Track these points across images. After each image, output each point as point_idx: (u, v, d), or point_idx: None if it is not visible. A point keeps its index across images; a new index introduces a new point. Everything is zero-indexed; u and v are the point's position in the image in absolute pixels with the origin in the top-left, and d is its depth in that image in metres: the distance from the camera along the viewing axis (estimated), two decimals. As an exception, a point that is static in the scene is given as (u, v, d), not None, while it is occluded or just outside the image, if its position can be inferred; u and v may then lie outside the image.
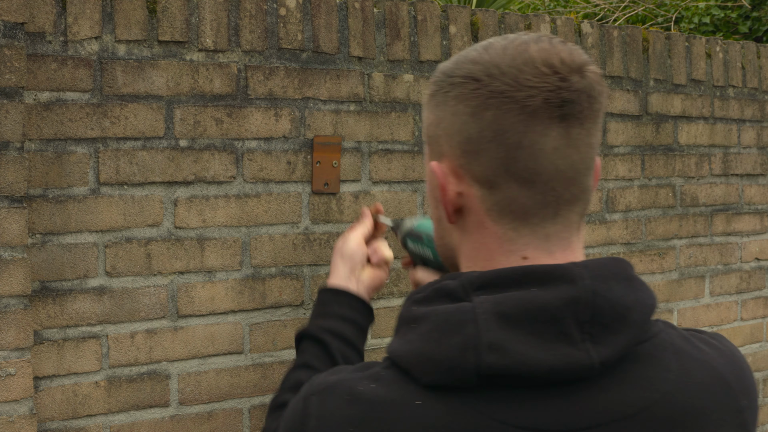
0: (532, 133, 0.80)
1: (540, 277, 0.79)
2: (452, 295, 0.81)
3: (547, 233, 0.83)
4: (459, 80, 0.83)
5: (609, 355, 0.78)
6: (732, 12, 6.47)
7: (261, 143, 1.87)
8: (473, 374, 0.76)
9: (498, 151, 0.81)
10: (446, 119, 0.85)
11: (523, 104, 0.79)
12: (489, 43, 0.85)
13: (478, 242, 0.86)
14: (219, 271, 1.83)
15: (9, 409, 1.55)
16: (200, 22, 1.79)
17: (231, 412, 1.84)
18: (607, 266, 0.82)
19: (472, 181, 0.84)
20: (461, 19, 2.14)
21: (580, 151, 0.83)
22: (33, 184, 1.64)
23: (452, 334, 0.78)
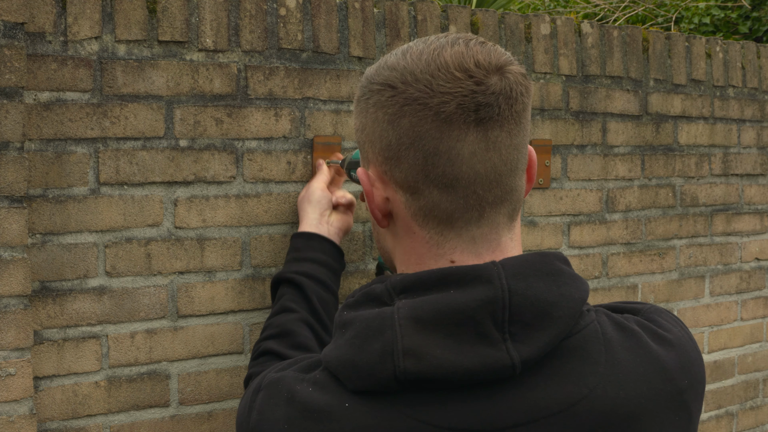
0: (448, 138, 0.80)
1: (458, 279, 0.79)
2: (378, 299, 0.82)
3: (473, 236, 0.83)
4: (377, 87, 0.84)
5: (531, 353, 0.78)
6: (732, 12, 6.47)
7: (261, 143, 1.87)
8: (392, 380, 0.77)
9: (416, 157, 0.81)
10: (368, 126, 0.85)
11: (437, 110, 0.79)
12: (408, 47, 0.84)
13: (409, 246, 0.86)
14: (219, 271, 1.83)
15: (9, 409, 1.55)
16: (200, 22, 1.79)
17: (231, 412, 1.84)
18: (528, 263, 0.81)
19: (396, 186, 0.85)
20: (461, 19, 2.14)
21: (501, 153, 0.82)
22: (33, 184, 1.64)
23: (373, 339, 0.79)
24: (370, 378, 0.78)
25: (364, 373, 0.78)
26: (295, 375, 0.86)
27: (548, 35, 2.29)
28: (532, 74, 2.27)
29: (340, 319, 0.85)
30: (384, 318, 0.79)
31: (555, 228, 2.31)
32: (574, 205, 2.34)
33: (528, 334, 0.78)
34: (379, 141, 0.84)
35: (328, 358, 0.83)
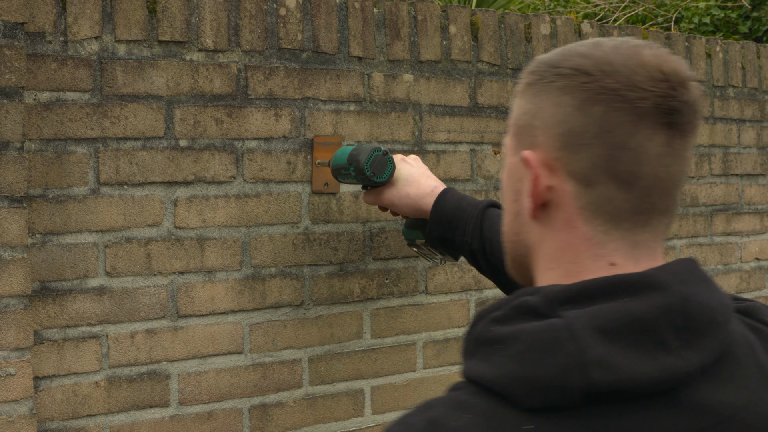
0: (640, 135, 0.79)
1: (628, 287, 0.77)
2: (536, 312, 0.78)
3: (636, 240, 0.82)
4: (567, 71, 0.81)
5: (704, 360, 0.77)
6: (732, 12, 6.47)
7: (261, 143, 1.87)
8: (580, 393, 0.74)
9: (602, 148, 0.79)
10: (546, 109, 0.82)
11: (634, 105, 0.78)
12: (598, 41, 0.83)
13: (564, 242, 0.83)
14: (219, 271, 1.83)
15: (9, 409, 1.55)
16: (200, 22, 1.79)
17: (231, 412, 1.84)
18: (688, 269, 0.81)
19: (567, 176, 0.81)
20: (461, 19, 2.14)
21: (678, 162, 0.81)
22: (33, 184, 1.64)
23: (551, 353, 0.75)
24: (553, 393, 0.74)
25: (546, 388, 0.74)
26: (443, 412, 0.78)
27: (548, 35, 2.29)
28: (532, 74, 2.27)
29: (487, 335, 0.80)
30: (557, 330, 0.75)
31: (555, 228, 2.31)
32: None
33: (699, 341, 0.77)
34: (558, 126, 0.81)
35: (490, 377, 0.77)
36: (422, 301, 2.09)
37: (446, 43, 2.12)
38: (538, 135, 0.83)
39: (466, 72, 2.15)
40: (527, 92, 0.86)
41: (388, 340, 2.05)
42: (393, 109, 2.04)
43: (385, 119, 2.03)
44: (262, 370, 1.87)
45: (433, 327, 2.11)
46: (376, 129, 2.01)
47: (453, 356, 2.14)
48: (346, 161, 1.73)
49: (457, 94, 2.13)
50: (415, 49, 2.07)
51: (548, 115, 0.82)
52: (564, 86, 0.81)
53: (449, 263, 2.12)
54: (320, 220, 1.94)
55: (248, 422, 1.86)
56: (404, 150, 2.05)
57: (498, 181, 2.21)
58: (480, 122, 2.17)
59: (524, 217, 0.86)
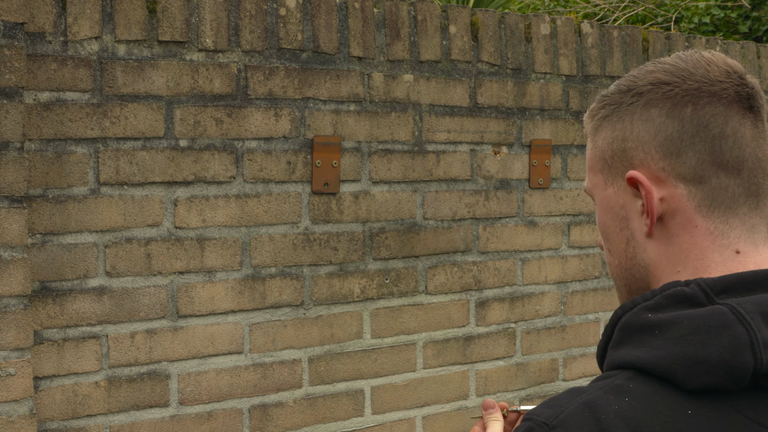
0: (733, 121, 0.83)
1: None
2: (693, 300, 0.80)
3: (753, 224, 0.85)
4: (647, 87, 0.85)
5: None
6: (732, 12, 6.47)
7: (261, 143, 1.87)
8: (749, 374, 0.76)
9: (704, 143, 0.83)
10: (636, 128, 0.86)
11: (719, 96, 0.83)
12: (657, 60, 0.88)
13: (688, 243, 0.85)
14: (219, 271, 1.83)
15: (9, 409, 1.55)
16: (200, 22, 1.79)
17: (231, 412, 1.84)
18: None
19: (676, 180, 0.84)
20: (461, 19, 2.14)
21: (767, 143, 0.86)
22: (33, 184, 1.64)
23: (717, 335, 0.76)
24: (721, 373, 0.75)
25: (716, 368, 0.75)
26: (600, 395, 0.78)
27: (548, 35, 2.29)
28: (531, 74, 2.27)
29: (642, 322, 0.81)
30: (723, 314, 0.77)
31: (555, 228, 2.31)
32: (574, 205, 2.34)
33: None
34: (654, 138, 0.85)
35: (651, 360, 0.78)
36: (422, 301, 2.09)
37: (446, 43, 2.12)
38: (635, 155, 0.86)
39: (466, 72, 2.15)
40: (606, 124, 0.89)
41: (388, 340, 2.05)
42: (393, 109, 2.04)
43: (385, 119, 2.03)
44: (262, 370, 1.87)
45: (433, 327, 2.11)
46: (376, 129, 2.01)
47: (453, 356, 2.14)
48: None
49: (457, 94, 2.13)
50: (415, 49, 2.07)
51: (640, 132, 0.86)
52: (648, 101, 0.85)
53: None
54: (320, 220, 1.94)
55: (248, 422, 1.86)
56: (404, 150, 2.05)
57: (497, 181, 2.21)
58: (480, 122, 2.17)
59: (638, 239, 0.88)
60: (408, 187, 2.06)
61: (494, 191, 2.20)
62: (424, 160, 2.08)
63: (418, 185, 2.08)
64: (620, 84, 0.89)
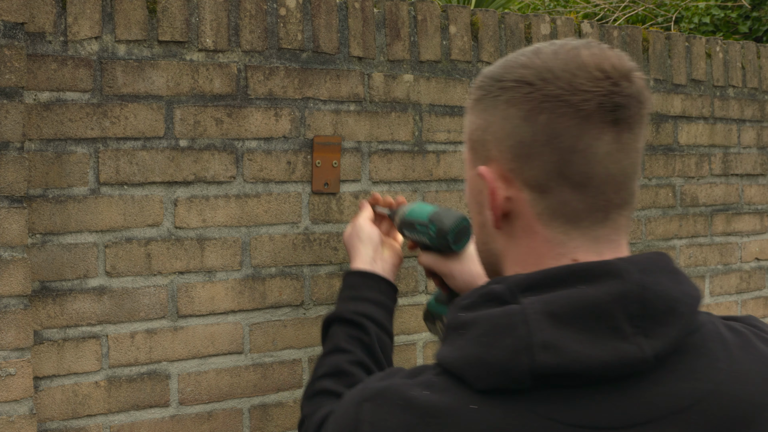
0: (587, 136, 0.80)
1: (587, 275, 0.79)
2: (499, 299, 0.81)
3: (596, 236, 0.84)
4: (510, 84, 0.83)
5: (662, 348, 0.78)
6: (732, 12, 6.47)
7: (261, 143, 1.87)
8: (527, 375, 0.76)
9: (552, 154, 0.81)
10: (496, 123, 0.84)
11: (578, 108, 0.80)
12: (537, 48, 0.85)
13: (527, 247, 0.85)
14: (219, 271, 1.83)
15: (9, 409, 1.55)
16: (200, 22, 1.79)
17: (231, 412, 1.84)
18: (652, 260, 0.82)
19: (522, 185, 0.84)
20: (461, 19, 2.14)
21: (629, 155, 0.83)
22: (33, 184, 1.64)
23: (503, 336, 0.77)
24: (502, 375, 0.77)
25: (496, 369, 0.77)
26: (403, 382, 0.83)
27: (548, 35, 2.29)
28: (532, 74, 2.27)
29: (455, 321, 0.83)
30: (512, 315, 0.78)
31: (555, 228, 2.31)
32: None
33: (657, 329, 0.78)
34: (508, 138, 0.83)
35: (449, 359, 0.81)
36: (422, 301, 2.09)
37: (446, 43, 2.12)
38: (491, 149, 0.86)
39: (466, 72, 2.15)
40: (476, 108, 0.88)
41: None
42: (393, 109, 2.04)
43: (385, 119, 2.03)
44: (262, 370, 1.87)
45: (433, 327, 2.11)
46: (376, 129, 2.01)
47: (453, 356, 2.14)
48: (427, 219, 1.57)
49: (457, 94, 2.13)
50: (415, 49, 2.07)
51: (498, 129, 0.84)
52: (509, 99, 0.83)
53: None
54: (320, 220, 1.94)
55: (248, 422, 1.86)
56: (404, 150, 2.05)
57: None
58: (480, 122, 2.17)
59: (489, 228, 0.89)
60: (408, 187, 2.06)
61: (494, 191, 2.20)
62: (424, 160, 2.08)
63: (418, 185, 2.08)
64: (495, 69, 0.86)
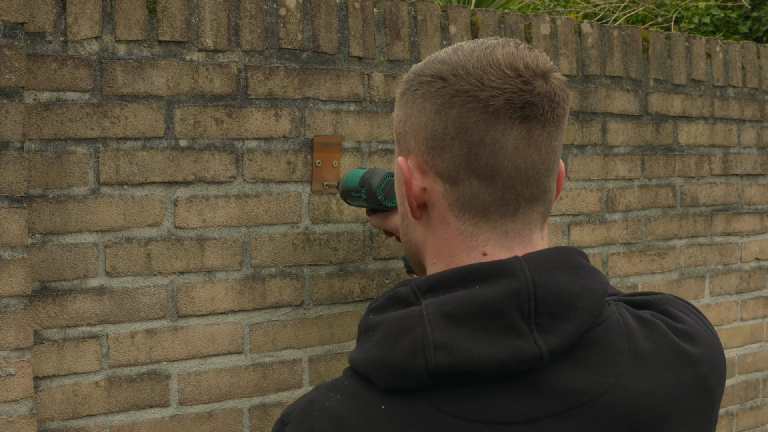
0: (494, 131, 0.83)
1: (483, 275, 0.81)
2: (404, 301, 0.84)
3: (506, 229, 0.86)
4: (427, 79, 0.86)
5: (557, 343, 0.79)
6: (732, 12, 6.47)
7: (261, 143, 1.87)
8: (425, 374, 0.78)
9: (461, 147, 0.84)
10: (414, 116, 0.88)
11: (486, 103, 0.82)
12: (459, 46, 0.87)
13: (441, 238, 0.88)
14: (219, 271, 1.83)
15: (9, 409, 1.55)
16: (200, 22, 1.79)
17: (231, 412, 1.84)
18: (550, 256, 0.84)
19: (435, 176, 0.87)
20: (461, 19, 2.14)
21: (540, 152, 0.85)
22: (33, 184, 1.64)
23: (403, 337, 0.80)
24: (402, 374, 0.79)
25: (396, 369, 0.79)
26: (321, 393, 0.86)
27: (548, 35, 2.29)
28: (532, 74, 2.27)
29: (365, 323, 0.86)
30: (412, 316, 0.81)
31: (555, 228, 2.31)
32: (574, 205, 2.34)
33: (553, 325, 0.80)
34: (423, 130, 0.86)
35: (357, 361, 0.84)
36: (422, 301, 2.09)
37: (446, 43, 2.12)
38: (410, 140, 0.89)
39: (466, 72, 2.15)
40: (401, 100, 0.91)
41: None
42: (393, 109, 2.04)
43: (385, 119, 2.03)
44: (262, 370, 1.87)
45: (433, 327, 2.11)
46: (376, 129, 2.01)
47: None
48: (358, 184, 1.74)
49: (457, 94, 2.13)
50: (415, 49, 2.07)
51: (415, 121, 0.88)
52: (425, 93, 0.86)
53: None
54: (320, 220, 1.94)
55: (248, 422, 1.86)
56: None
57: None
58: (480, 122, 2.17)
59: (410, 218, 0.92)
60: (408, 187, 2.06)
61: (494, 191, 2.20)
62: None
63: (418, 185, 2.08)
64: (419, 65, 0.89)
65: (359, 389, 0.82)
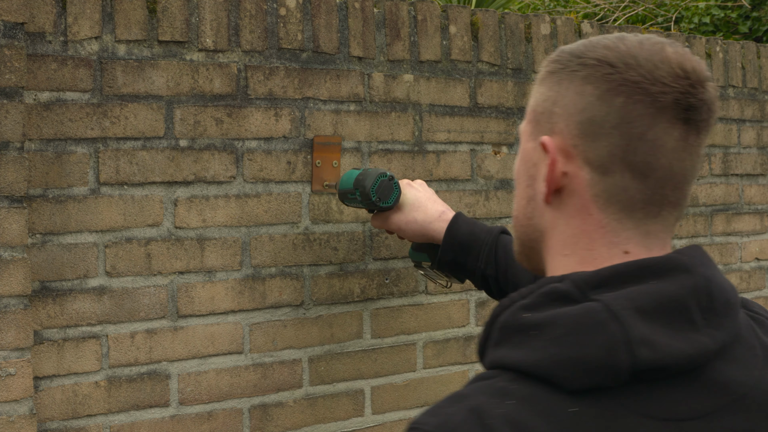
0: (657, 128, 0.81)
1: (657, 270, 0.80)
2: (567, 297, 0.80)
3: (647, 230, 0.85)
4: (592, 62, 0.83)
5: (724, 339, 0.81)
6: (732, 12, 6.47)
7: (261, 143, 1.87)
8: (626, 371, 0.76)
9: (620, 138, 0.81)
10: (568, 97, 0.84)
11: (655, 98, 0.81)
12: (622, 35, 0.85)
13: (578, 228, 0.85)
14: (219, 271, 1.83)
15: (9, 409, 1.55)
16: (200, 22, 1.79)
17: (231, 412, 1.84)
18: (701, 254, 0.85)
19: (583, 163, 0.84)
20: (461, 19, 2.14)
21: (692, 157, 0.84)
22: (33, 184, 1.64)
23: (592, 334, 0.76)
24: (600, 372, 0.76)
25: (591, 367, 0.76)
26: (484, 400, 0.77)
27: (548, 35, 2.29)
28: (532, 74, 2.27)
29: (521, 322, 0.81)
30: (596, 312, 0.77)
31: (555, 228, 2.31)
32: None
33: (718, 321, 0.81)
34: (579, 114, 0.83)
35: (529, 362, 0.78)
36: (422, 301, 2.09)
37: (446, 43, 2.12)
38: (558, 121, 0.85)
39: (466, 72, 2.15)
40: (548, 80, 0.88)
41: (388, 340, 2.05)
42: (393, 109, 2.04)
43: (385, 119, 2.03)
44: (262, 370, 1.87)
45: (433, 327, 2.11)
46: (376, 129, 2.01)
47: (453, 356, 2.14)
48: (352, 186, 1.76)
49: (457, 94, 2.14)
50: (415, 49, 2.07)
51: (569, 103, 0.84)
52: (587, 75, 0.83)
53: (454, 285, 2.13)
54: (320, 220, 1.94)
55: (248, 422, 1.86)
56: (404, 150, 2.05)
57: (497, 181, 2.21)
58: (480, 122, 2.17)
59: (538, 201, 0.88)
60: (408, 187, 2.06)
61: (494, 191, 2.20)
62: (424, 160, 2.08)
63: (418, 185, 2.08)
64: (576, 46, 0.87)
65: (536, 392, 0.76)
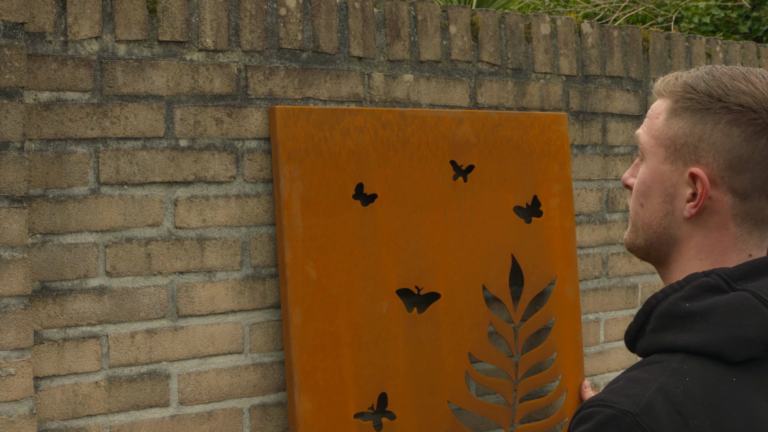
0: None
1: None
2: (717, 289, 1.01)
3: (763, 236, 1.07)
4: (736, 108, 1.02)
5: None
6: (732, 12, 6.47)
7: (261, 143, 1.87)
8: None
9: (762, 172, 1.03)
10: (714, 136, 1.03)
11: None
12: (747, 72, 1.04)
13: (716, 240, 1.06)
14: (219, 271, 1.83)
15: (9, 409, 1.55)
16: (200, 22, 1.79)
17: (231, 412, 1.84)
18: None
19: (727, 190, 1.04)
20: (461, 19, 2.14)
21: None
22: (33, 184, 1.64)
23: (749, 317, 0.98)
24: (757, 345, 0.97)
25: (755, 342, 0.97)
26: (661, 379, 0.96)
27: (548, 35, 2.29)
28: (531, 74, 2.27)
29: (683, 310, 1.00)
30: (748, 299, 0.99)
31: (555, 228, 2.31)
32: (575, 206, 2.34)
33: None
34: (726, 152, 1.03)
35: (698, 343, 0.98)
36: (422, 301, 2.09)
37: (446, 43, 2.12)
38: (704, 155, 1.05)
39: (466, 72, 2.15)
40: (688, 116, 1.06)
41: (388, 340, 2.04)
42: (393, 108, 2.04)
43: (385, 119, 2.03)
44: (262, 370, 1.87)
45: (433, 327, 2.11)
46: (376, 129, 2.01)
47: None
48: None
49: (457, 94, 2.14)
50: (415, 49, 2.07)
51: (717, 142, 1.04)
52: (733, 119, 1.03)
53: None
54: (320, 220, 1.94)
55: (248, 422, 1.86)
56: (404, 150, 2.05)
57: (498, 181, 2.21)
58: (480, 122, 2.17)
59: (677, 216, 1.08)
60: (408, 187, 2.06)
61: (494, 191, 2.20)
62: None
63: (418, 185, 2.08)
64: (710, 88, 1.05)
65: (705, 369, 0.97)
